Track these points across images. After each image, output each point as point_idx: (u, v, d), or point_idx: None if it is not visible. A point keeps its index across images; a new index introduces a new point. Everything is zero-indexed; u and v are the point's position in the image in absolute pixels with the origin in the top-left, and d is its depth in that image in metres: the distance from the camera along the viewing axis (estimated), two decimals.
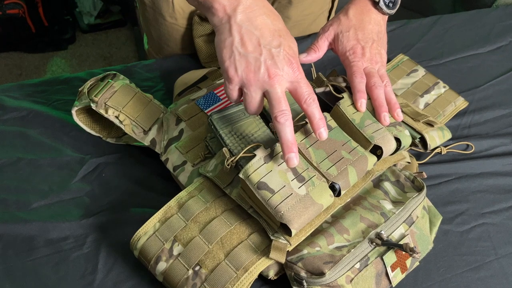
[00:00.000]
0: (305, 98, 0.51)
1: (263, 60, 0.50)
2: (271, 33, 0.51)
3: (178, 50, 0.94)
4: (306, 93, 0.51)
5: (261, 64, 0.50)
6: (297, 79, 0.51)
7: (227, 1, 0.51)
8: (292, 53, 0.52)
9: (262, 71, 0.50)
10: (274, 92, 0.50)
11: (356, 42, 0.65)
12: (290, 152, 0.50)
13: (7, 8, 1.99)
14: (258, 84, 0.51)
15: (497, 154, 0.74)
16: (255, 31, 0.51)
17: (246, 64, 0.50)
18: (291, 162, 0.50)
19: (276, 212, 0.51)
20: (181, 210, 0.57)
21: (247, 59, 0.50)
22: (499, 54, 0.92)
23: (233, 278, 0.52)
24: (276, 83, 0.50)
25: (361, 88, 0.61)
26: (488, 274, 0.61)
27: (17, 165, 0.69)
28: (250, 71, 0.50)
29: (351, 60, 0.64)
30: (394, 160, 0.63)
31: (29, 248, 0.60)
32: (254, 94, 0.51)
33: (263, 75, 0.50)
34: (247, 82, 0.51)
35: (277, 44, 0.51)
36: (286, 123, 0.50)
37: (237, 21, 0.51)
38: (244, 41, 0.50)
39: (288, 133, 0.50)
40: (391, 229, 0.57)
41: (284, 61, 0.51)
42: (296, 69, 0.51)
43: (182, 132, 0.66)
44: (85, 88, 0.67)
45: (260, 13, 0.51)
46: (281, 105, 0.50)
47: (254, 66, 0.50)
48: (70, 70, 2.09)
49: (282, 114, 0.50)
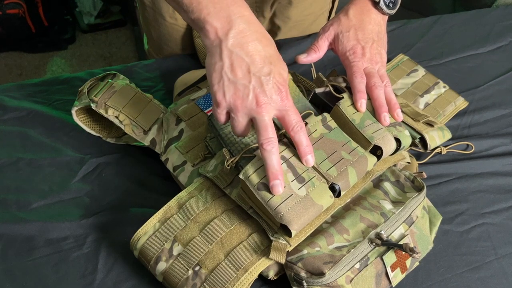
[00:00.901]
0: (292, 125, 0.52)
1: (251, 87, 0.50)
2: (262, 60, 0.51)
3: (178, 50, 0.94)
4: (293, 121, 0.52)
5: (249, 91, 0.50)
6: (285, 107, 0.52)
7: (220, 24, 0.50)
8: (281, 81, 0.52)
9: (250, 98, 0.50)
10: (261, 119, 0.50)
11: (356, 42, 0.65)
12: (275, 179, 0.50)
13: (7, 8, 1.99)
14: (246, 111, 0.51)
15: (497, 154, 0.74)
16: (245, 57, 0.50)
17: (234, 91, 0.50)
18: (275, 189, 0.51)
19: (276, 213, 0.51)
20: (181, 210, 0.57)
21: (236, 86, 0.50)
22: (499, 54, 0.92)
23: (233, 278, 0.52)
24: (264, 111, 0.50)
25: (361, 88, 0.61)
26: (488, 274, 0.61)
27: (17, 165, 0.69)
28: (238, 98, 0.50)
29: (351, 60, 0.64)
30: (394, 160, 0.63)
31: (29, 248, 0.60)
32: (241, 119, 0.52)
33: (251, 102, 0.50)
34: (235, 108, 0.51)
35: (267, 72, 0.50)
36: (272, 150, 0.51)
37: (228, 46, 0.50)
38: (234, 67, 0.50)
39: (273, 160, 0.51)
40: (391, 229, 0.57)
41: (273, 90, 0.51)
42: (284, 98, 0.51)
43: (182, 132, 0.66)
44: (85, 88, 0.67)
45: (252, 39, 0.51)
46: (267, 133, 0.50)
47: (242, 93, 0.50)
48: (70, 70, 2.09)
49: (268, 141, 0.50)
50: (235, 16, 0.50)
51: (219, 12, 0.50)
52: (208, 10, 0.50)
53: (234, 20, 0.50)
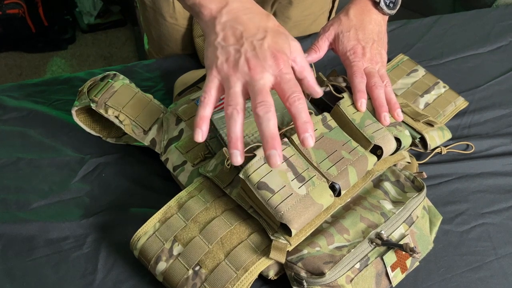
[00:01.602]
0: (288, 94, 0.46)
1: (243, 51, 0.48)
2: (256, 28, 0.49)
3: (178, 50, 0.94)
4: (290, 89, 0.47)
5: (241, 55, 0.48)
6: (280, 73, 0.47)
7: (214, 4, 0.50)
8: (278, 48, 0.48)
9: (241, 62, 0.47)
10: (254, 83, 0.47)
11: (356, 42, 0.65)
12: (272, 149, 0.44)
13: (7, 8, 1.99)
14: (238, 76, 0.47)
15: (497, 154, 0.74)
16: (239, 26, 0.49)
17: (226, 56, 0.48)
18: (272, 160, 0.44)
19: (276, 212, 0.51)
20: (181, 210, 0.57)
21: (227, 50, 0.48)
22: (499, 54, 0.92)
23: (233, 278, 0.52)
24: (257, 74, 0.47)
25: (361, 88, 0.61)
26: (488, 274, 0.61)
27: (17, 165, 0.69)
28: (229, 62, 0.48)
29: (351, 60, 0.64)
30: (394, 160, 0.63)
31: (29, 248, 0.60)
32: (233, 85, 0.47)
33: (242, 66, 0.47)
34: (227, 74, 0.48)
35: (261, 37, 0.48)
36: (266, 115, 0.45)
37: (221, 21, 0.50)
38: (226, 35, 0.49)
39: (270, 126, 0.45)
40: (391, 229, 0.57)
41: (267, 53, 0.48)
42: (281, 63, 0.47)
43: (182, 132, 0.66)
44: (85, 88, 0.67)
45: (247, 13, 0.50)
46: (262, 96, 0.46)
47: (234, 57, 0.48)
48: (70, 70, 2.09)
49: (261, 104, 0.45)
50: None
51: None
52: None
53: (229, 1, 0.50)
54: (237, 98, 0.47)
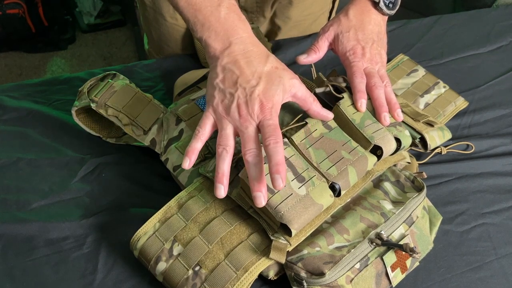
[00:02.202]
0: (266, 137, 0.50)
1: (236, 96, 0.52)
2: (252, 74, 0.53)
3: (178, 50, 0.94)
4: (268, 133, 0.50)
5: (234, 99, 0.52)
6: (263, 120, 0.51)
7: (218, 45, 0.55)
8: (267, 96, 0.52)
9: (233, 107, 0.52)
10: (244, 131, 0.52)
11: (356, 42, 0.65)
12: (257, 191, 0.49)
13: (7, 8, 1.99)
14: (230, 119, 0.53)
15: (497, 154, 0.74)
16: (236, 70, 0.53)
17: (222, 98, 0.53)
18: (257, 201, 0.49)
19: (276, 212, 0.51)
20: (181, 210, 0.57)
21: (223, 93, 0.53)
22: (499, 54, 0.92)
23: (233, 278, 0.52)
24: (246, 122, 0.52)
25: (361, 88, 0.61)
26: (488, 274, 0.61)
27: (17, 165, 0.69)
28: (224, 104, 0.53)
29: (351, 60, 0.64)
30: (394, 160, 0.63)
31: (29, 248, 0.60)
32: (225, 127, 0.53)
33: (233, 111, 0.52)
34: (220, 115, 0.53)
35: (254, 84, 0.52)
36: (253, 161, 0.50)
37: (222, 63, 0.54)
38: (225, 78, 0.53)
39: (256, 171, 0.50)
40: (391, 229, 0.57)
41: (255, 101, 0.52)
42: (266, 111, 0.52)
43: (182, 132, 0.66)
44: (85, 88, 0.67)
45: (246, 57, 0.54)
46: (249, 144, 0.51)
47: (228, 100, 0.53)
48: (70, 70, 2.09)
49: (249, 152, 0.51)
50: (233, 38, 0.54)
51: (218, 36, 0.55)
52: (210, 33, 0.55)
53: (232, 41, 0.54)
54: (228, 139, 0.52)
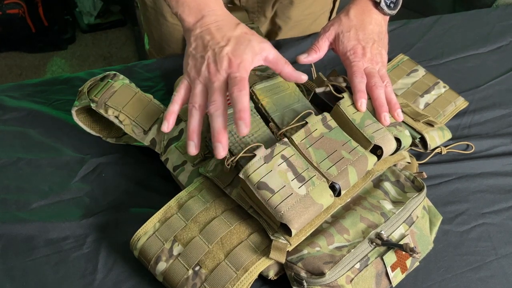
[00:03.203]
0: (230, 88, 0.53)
1: (206, 57, 0.55)
2: (221, 37, 0.56)
3: (179, 50, 0.94)
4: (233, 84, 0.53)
5: (204, 61, 0.55)
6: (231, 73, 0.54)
7: (191, 18, 0.59)
8: (236, 53, 0.55)
9: (203, 67, 0.55)
10: (210, 85, 0.54)
11: (356, 42, 0.65)
12: (217, 142, 0.52)
13: (7, 8, 1.99)
14: (200, 79, 0.55)
15: (497, 154, 0.74)
16: (207, 36, 0.57)
17: (194, 62, 0.56)
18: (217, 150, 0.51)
19: (276, 212, 0.51)
20: (181, 210, 0.57)
21: (195, 58, 0.56)
22: (499, 54, 0.92)
23: (233, 278, 0.52)
24: (213, 77, 0.54)
25: (361, 88, 0.61)
26: (488, 274, 0.61)
27: (17, 165, 0.69)
28: (196, 67, 0.56)
29: (351, 60, 0.64)
30: (394, 160, 0.63)
31: (29, 248, 0.60)
32: (195, 87, 0.55)
33: (204, 70, 0.55)
34: (192, 77, 0.56)
35: (222, 45, 0.55)
36: (215, 112, 0.52)
37: (195, 33, 0.58)
38: (197, 45, 0.57)
39: (218, 122, 0.52)
40: (391, 229, 0.57)
41: (224, 58, 0.54)
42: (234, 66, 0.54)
43: (182, 132, 0.66)
44: (85, 88, 0.67)
45: (216, 25, 0.57)
46: (214, 96, 0.53)
47: (199, 63, 0.56)
48: (70, 70, 2.09)
49: (212, 104, 0.52)
50: (205, 11, 0.58)
51: (191, 10, 0.59)
52: (183, 8, 0.59)
53: (205, 14, 0.58)
54: (196, 97, 0.55)
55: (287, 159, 0.54)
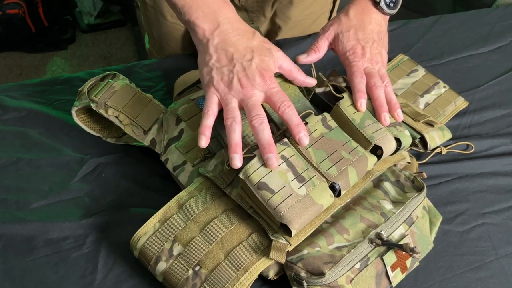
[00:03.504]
0: (278, 105, 0.54)
1: (235, 72, 0.55)
2: (244, 49, 0.56)
3: (179, 50, 0.94)
4: (279, 100, 0.55)
5: (234, 75, 0.55)
6: (268, 89, 0.55)
7: (207, 25, 0.57)
8: (264, 66, 0.56)
9: (235, 81, 0.55)
10: (248, 101, 0.54)
11: (356, 42, 0.65)
12: (269, 153, 0.52)
13: (7, 8, 1.99)
14: (233, 93, 0.55)
15: (497, 154, 0.74)
16: (229, 48, 0.56)
17: (221, 76, 0.56)
18: (270, 162, 0.52)
19: (276, 212, 0.51)
20: (181, 210, 0.57)
21: (222, 71, 0.56)
22: (499, 54, 0.92)
23: (233, 278, 0.52)
24: (249, 93, 0.55)
25: (361, 88, 0.62)
26: (488, 274, 0.61)
27: (17, 165, 0.69)
28: (224, 82, 0.55)
29: (351, 60, 0.64)
30: (394, 160, 0.63)
31: (29, 248, 0.60)
32: (230, 101, 0.55)
33: (236, 85, 0.55)
34: (223, 91, 0.55)
35: (249, 58, 0.56)
36: (261, 126, 0.53)
37: (214, 43, 0.57)
38: (219, 57, 0.56)
39: (264, 135, 0.53)
40: (391, 229, 0.57)
41: (255, 73, 0.55)
42: (267, 80, 0.55)
43: (182, 132, 0.66)
44: (85, 88, 0.67)
45: (235, 34, 0.57)
46: (255, 111, 0.54)
47: (228, 77, 0.55)
48: (70, 70, 2.09)
49: (256, 118, 0.53)
50: (220, 18, 0.57)
51: (206, 16, 0.57)
52: (198, 14, 0.58)
53: (220, 22, 0.57)
54: (234, 112, 0.55)
55: (287, 160, 0.54)
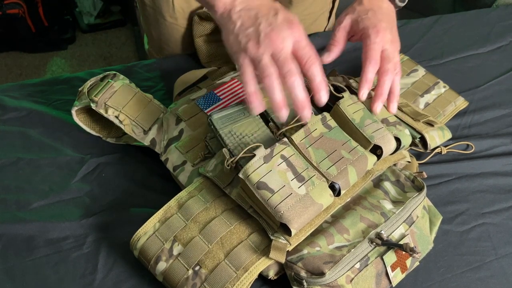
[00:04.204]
0: (305, 59, 0.53)
1: (262, 28, 0.53)
2: (267, 9, 0.54)
3: (178, 50, 0.94)
4: (306, 55, 0.53)
5: (260, 32, 0.53)
6: (297, 41, 0.53)
7: None
8: (290, 18, 0.54)
9: (262, 37, 0.52)
10: (278, 54, 0.52)
11: (378, 20, 0.63)
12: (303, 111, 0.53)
13: (7, 8, 1.99)
14: (262, 50, 0.53)
15: (497, 154, 0.74)
16: (252, 11, 0.54)
17: (248, 38, 0.53)
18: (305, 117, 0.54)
19: (275, 212, 0.51)
20: (181, 210, 0.57)
21: (247, 33, 0.53)
22: (499, 54, 0.92)
23: (233, 278, 0.52)
24: (279, 45, 0.52)
25: (369, 77, 0.60)
26: (488, 274, 0.61)
27: (17, 165, 0.69)
28: (253, 41, 0.53)
29: (372, 39, 0.62)
30: (394, 160, 0.63)
31: (29, 248, 0.60)
32: (262, 58, 0.53)
33: (264, 40, 0.52)
34: (253, 51, 0.53)
35: (273, 13, 0.54)
36: (294, 82, 0.52)
37: (236, 11, 0.55)
38: (243, 21, 0.54)
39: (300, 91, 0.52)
40: (391, 229, 0.57)
41: (282, 25, 0.53)
42: (295, 31, 0.53)
43: (182, 132, 0.66)
44: (85, 88, 0.67)
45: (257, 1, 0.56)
46: (287, 66, 0.52)
47: (254, 36, 0.53)
48: (70, 70, 2.09)
49: (289, 74, 0.52)
50: None
51: None
52: None
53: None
54: (269, 68, 0.52)
55: (286, 159, 0.54)
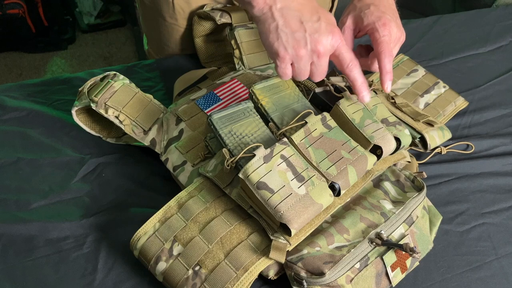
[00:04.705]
0: (347, 63, 0.58)
1: (308, 35, 0.55)
2: (309, 11, 0.56)
3: (178, 51, 0.94)
4: (348, 59, 0.58)
5: (307, 39, 0.55)
6: (339, 46, 0.57)
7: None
8: (331, 23, 0.57)
9: (309, 45, 0.55)
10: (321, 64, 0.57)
11: (381, 13, 0.63)
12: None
13: (7, 8, 1.99)
14: (307, 58, 0.56)
15: (497, 154, 0.74)
16: (295, 12, 0.56)
17: (294, 42, 0.55)
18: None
19: (275, 212, 0.51)
20: (181, 210, 0.57)
21: (294, 38, 0.55)
22: (499, 54, 0.92)
23: (233, 278, 0.52)
24: (323, 55, 0.56)
25: (389, 68, 0.61)
26: (488, 274, 0.61)
27: (17, 165, 0.69)
28: (299, 47, 0.55)
29: (381, 33, 0.62)
30: (394, 160, 0.63)
31: (29, 248, 0.60)
32: (303, 67, 0.57)
33: (310, 48, 0.55)
34: (298, 58, 0.56)
35: (316, 18, 0.56)
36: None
37: (277, 8, 0.56)
38: (287, 22, 0.55)
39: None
40: (391, 229, 0.57)
41: (326, 32, 0.55)
42: (337, 37, 0.56)
43: (182, 132, 0.66)
44: (85, 88, 0.67)
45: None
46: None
47: (302, 43, 0.55)
48: (70, 70, 2.09)
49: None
50: None
51: None
52: None
53: None
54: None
55: (286, 159, 0.54)
